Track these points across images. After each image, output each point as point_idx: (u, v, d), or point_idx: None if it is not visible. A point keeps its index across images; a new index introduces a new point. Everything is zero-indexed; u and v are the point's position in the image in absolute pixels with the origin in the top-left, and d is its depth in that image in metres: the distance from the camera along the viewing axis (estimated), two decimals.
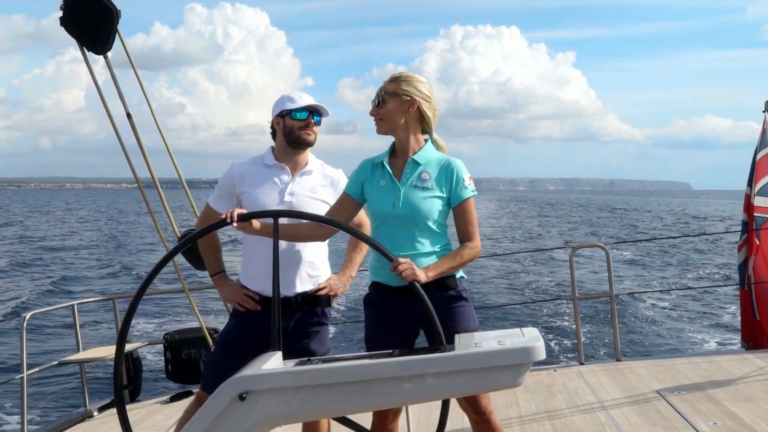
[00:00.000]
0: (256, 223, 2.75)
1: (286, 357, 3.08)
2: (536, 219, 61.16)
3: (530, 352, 2.08)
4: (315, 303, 3.13)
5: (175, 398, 5.38)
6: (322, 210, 3.03)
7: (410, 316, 2.87)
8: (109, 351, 5.42)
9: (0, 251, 31.25)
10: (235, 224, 2.64)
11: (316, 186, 3.18)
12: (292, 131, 3.10)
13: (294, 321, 3.07)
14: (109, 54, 3.60)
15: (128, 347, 5.33)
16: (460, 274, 2.94)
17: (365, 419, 2.56)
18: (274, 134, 3.21)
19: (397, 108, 2.89)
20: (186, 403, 5.20)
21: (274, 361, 2.32)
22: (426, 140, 2.97)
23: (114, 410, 5.19)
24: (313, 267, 3.14)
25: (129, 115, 3.53)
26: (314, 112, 3.12)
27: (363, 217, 3.22)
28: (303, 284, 3.09)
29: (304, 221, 2.86)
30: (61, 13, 3.47)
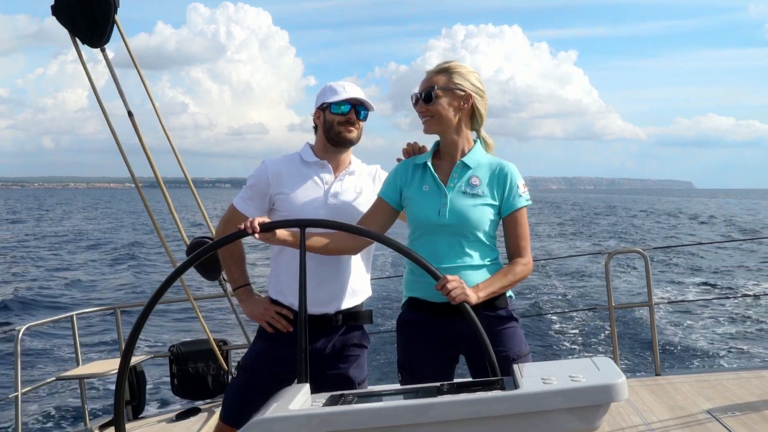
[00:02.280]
0: (280, 232, 2.42)
1: (319, 383, 2.67)
2: (553, 221, 60.05)
3: (612, 392, 1.73)
4: (356, 320, 2.78)
5: (181, 416, 5.04)
6: None
7: (451, 339, 2.55)
8: (110, 365, 5.07)
9: None
10: (257, 235, 2.29)
11: (361, 186, 2.82)
12: (332, 127, 2.74)
13: (333, 342, 2.73)
14: (106, 48, 3.28)
15: (131, 360, 5.00)
16: (509, 292, 2.61)
17: None
18: (317, 129, 2.86)
19: (451, 104, 2.53)
20: (193, 421, 4.89)
21: (301, 397, 1.96)
22: (475, 141, 2.63)
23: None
24: (356, 280, 2.78)
25: (130, 113, 3.19)
26: (358, 105, 2.76)
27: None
28: (346, 300, 2.74)
29: (334, 231, 2.51)
30: (53, 1, 3.14)
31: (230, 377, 5.04)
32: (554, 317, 13.39)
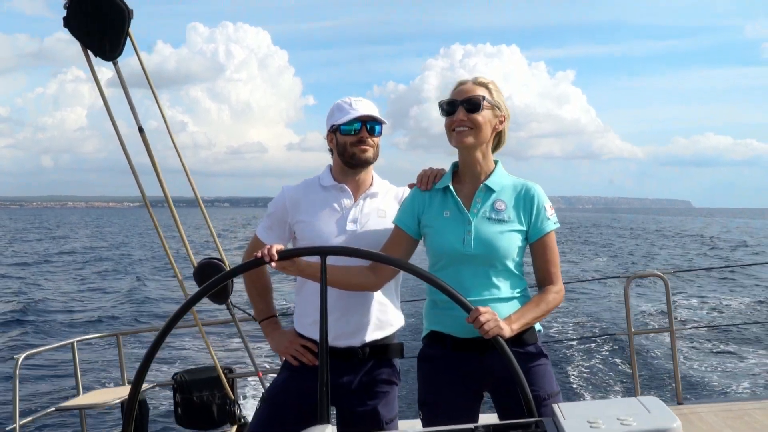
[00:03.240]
0: (299, 260, 2.26)
1: (346, 419, 2.57)
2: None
3: None
4: (385, 354, 2.60)
5: None
6: None
7: (477, 374, 2.37)
8: (112, 394, 4.86)
9: None
10: (273, 264, 2.12)
11: (384, 210, 2.63)
12: (346, 148, 2.57)
13: (360, 377, 2.55)
14: (119, 61, 3.13)
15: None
16: (538, 326, 2.44)
17: None
18: (333, 152, 2.70)
19: (491, 120, 2.37)
20: None
21: None
22: (496, 162, 2.46)
23: None
24: (384, 310, 2.60)
25: (141, 130, 3.03)
26: (369, 121, 2.58)
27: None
28: (373, 331, 2.56)
29: (355, 264, 2.35)
30: (65, 13, 3.00)
31: (237, 406, 4.85)
32: (566, 342, 12.78)
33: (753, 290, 22.18)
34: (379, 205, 2.63)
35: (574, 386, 10.31)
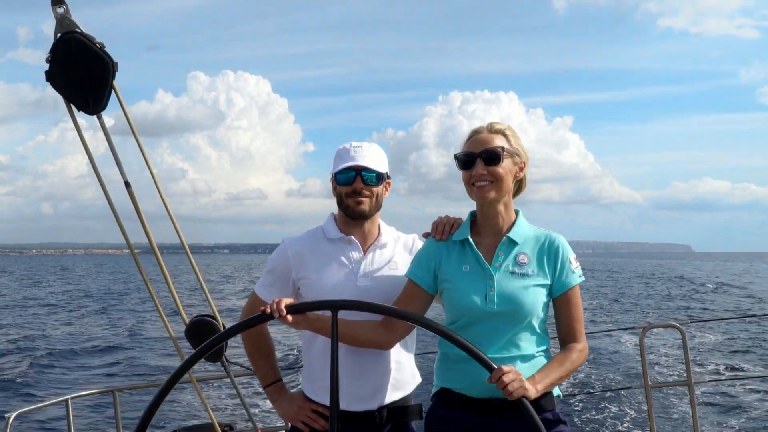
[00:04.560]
0: (310, 314, 2.11)
1: None
2: None
3: None
4: (404, 417, 2.42)
5: None
6: None
7: None
8: None
9: None
10: (283, 316, 1.99)
11: (395, 261, 2.45)
12: (342, 199, 2.42)
13: None
14: (103, 115, 3.05)
15: None
16: (557, 391, 2.25)
17: None
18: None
19: (511, 170, 2.24)
20: None
21: None
22: (517, 211, 2.32)
23: None
24: (400, 369, 2.42)
25: (128, 185, 2.91)
26: (364, 171, 2.39)
27: None
28: (390, 393, 2.39)
29: (365, 319, 2.21)
30: (47, 67, 2.92)
31: None
32: (576, 396, 11.93)
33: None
34: (389, 257, 2.46)
35: None
